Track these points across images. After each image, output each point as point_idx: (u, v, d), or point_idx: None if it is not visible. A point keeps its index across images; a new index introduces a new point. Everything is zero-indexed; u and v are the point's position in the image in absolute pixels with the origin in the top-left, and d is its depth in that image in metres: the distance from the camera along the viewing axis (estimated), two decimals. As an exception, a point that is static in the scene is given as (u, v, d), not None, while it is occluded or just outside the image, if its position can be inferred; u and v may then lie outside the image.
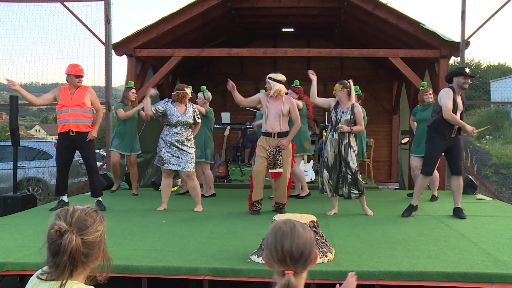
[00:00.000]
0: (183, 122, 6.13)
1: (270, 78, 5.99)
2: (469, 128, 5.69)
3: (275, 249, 1.65)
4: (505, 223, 5.46)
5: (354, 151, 5.84)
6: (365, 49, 9.88)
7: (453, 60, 10.37)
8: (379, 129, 13.60)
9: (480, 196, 7.84)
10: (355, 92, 7.30)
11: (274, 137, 5.95)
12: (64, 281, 1.63)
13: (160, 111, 6.17)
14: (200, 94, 7.54)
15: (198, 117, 6.34)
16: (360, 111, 5.89)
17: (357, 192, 5.86)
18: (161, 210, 6.25)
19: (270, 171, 5.95)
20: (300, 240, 1.67)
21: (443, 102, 5.64)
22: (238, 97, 6.05)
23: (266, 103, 6.00)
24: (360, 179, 5.89)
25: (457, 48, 8.75)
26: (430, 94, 7.19)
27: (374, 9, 8.94)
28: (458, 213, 5.83)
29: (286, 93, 6.20)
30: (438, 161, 6.01)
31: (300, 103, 7.23)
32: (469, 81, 5.72)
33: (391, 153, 13.89)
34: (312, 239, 1.72)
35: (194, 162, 6.22)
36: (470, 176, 8.32)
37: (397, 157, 12.73)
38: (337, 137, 5.86)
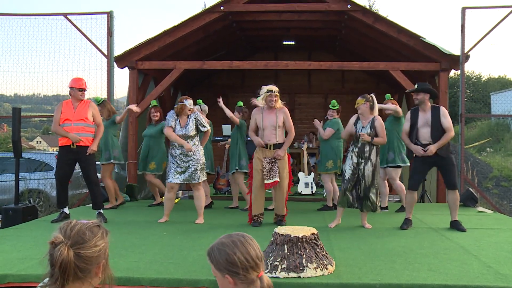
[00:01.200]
0: (183, 135, 6.16)
1: (278, 92, 6.03)
2: (413, 147, 5.81)
3: (246, 259, 1.71)
4: (506, 236, 5.46)
5: (372, 166, 5.84)
6: (365, 62, 9.96)
7: (453, 73, 10.47)
8: (380, 141, 13.61)
9: (480, 208, 7.84)
10: (333, 107, 7.41)
11: (270, 149, 5.99)
12: None
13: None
14: (197, 107, 7.59)
15: (203, 126, 6.30)
16: (382, 123, 5.92)
17: (369, 206, 5.89)
18: (162, 222, 6.26)
19: (265, 182, 5.96)
20: (255, 242, 1.78)
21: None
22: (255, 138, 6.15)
23: (261, 116, 6.05)
24: (373, 195, 5.87)
25: (457, 61, 8.81)
26: None
27: (374, 23, 9.03)
28: (457, 226, 5.84)
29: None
30: (424, 177, 6.07)
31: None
32: (417, 96, 5.85)
33: (392, 166, 13.87)
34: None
35: (203, 172, 6.25)
36: (470, 189, 8.32)
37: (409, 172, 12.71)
38: (356, 150, 5.89)
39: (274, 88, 6.02)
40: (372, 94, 6.09)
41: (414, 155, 5.96)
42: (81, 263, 1.64)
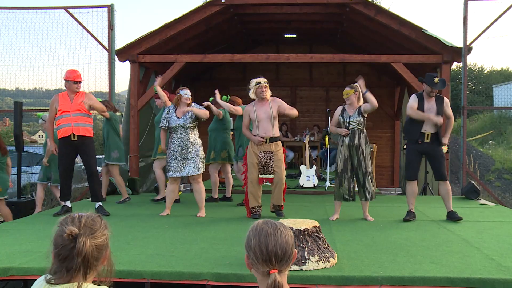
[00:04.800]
0: (181, 126, 6.15)
1: (266, 83, 6.07)
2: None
3: (260, 250, 1.70)
4: (508, 228, 5.46)
5: (363, 153, 5.88)
6: (367, 54, 9.91)
7: (455, 65, 10.41)
8: (381, 134, 13.61)
9: (483, 201, 7.83)
10: (224, 100, 7.43)
11: (266, 142, 5.99)
12: (81, 282, 1.67)
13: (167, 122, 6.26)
14: (40, 121, 7.54)
15: (202, 114, 6.26)
16: (366, 104, 5.95)
17: (368, 194, 5.93)
18: (164, 216, 6.27)
19: (260, 176, 6.00)
20: (284, 240, 1.72)
21: (408, 105, 5.98)
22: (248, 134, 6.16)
23: (254, 111, 6.06)
24: (370, 183, 5.94)
25: (459, 53, 8.77)
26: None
27: (376, 15, 8.98)
28: (453, 216, 5.87)
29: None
30: (419, 166, 6.06)
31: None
32: (435, 90, 5.83)
33: (394, 158, 13.88)
34: (292, 238, 1.78)
35: (201, 165, 6.23)
36: (473, 181, 8.31)
37: (400, 163, 12.73)
38: (347, 142, 5.91)
39: (262, 80, 6.07)
40: (357, 84, 6.11)
41: (404, 147, 6.04)
42: (96, 252, 1.71)
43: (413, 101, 5.93)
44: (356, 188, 6.03)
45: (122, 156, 7.71)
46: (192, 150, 6.17)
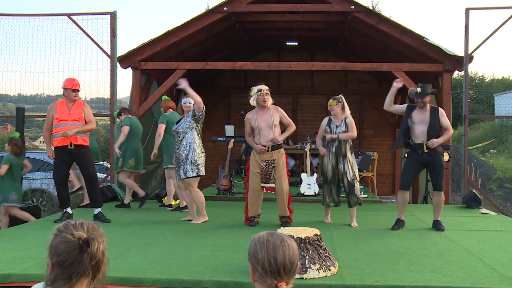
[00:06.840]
0: (175, 131, 6.26)
1: (268, 90, 6.03)
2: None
3: (269, 263, 1.67)
4: (510, 238, 5.44)
5: (349, 162, 6.08)
6: (368, 63, 9.94)
7: (456, 74, 10.43)
8: (382, 142, 13.60)
9: (484, 210, 7.81)
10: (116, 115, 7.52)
11: (268, 151, 5.98)
12: (92, 286, 1.68)
13: None
14: None
15: (197, 117, 6.20)
16: (352, 121, 6.16)
17: (355, 200, 6.09)
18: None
19: (262, 185, 6.01)
20: (291, 251, 1.71)
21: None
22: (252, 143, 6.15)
23: (255, 119, 6.04)
24: (357, 186, 6.11)
25: (460, 62, 8.79)
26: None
27: (377, 23, 9.02)
28: (437, 225, 5.93)
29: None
30: (415, 177, 6.09)
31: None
32: (424, 99, 5.83)
33: (395, 167, 13.87)
34: (297, 249, 1.77)
35: (193, 168, 6.10)
36: (474, 190, 8.30)
37: (401, 171, 12.70)
38: (334, 150, 6.10)
39: (263, 87, 6.02)
40: (341, 95, 6.30)
41: (405, 155, 6.07)
42: (104, 256, 1.73)
43: (400, 105, 6.23)
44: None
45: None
46: (183, 156, 6.13)
